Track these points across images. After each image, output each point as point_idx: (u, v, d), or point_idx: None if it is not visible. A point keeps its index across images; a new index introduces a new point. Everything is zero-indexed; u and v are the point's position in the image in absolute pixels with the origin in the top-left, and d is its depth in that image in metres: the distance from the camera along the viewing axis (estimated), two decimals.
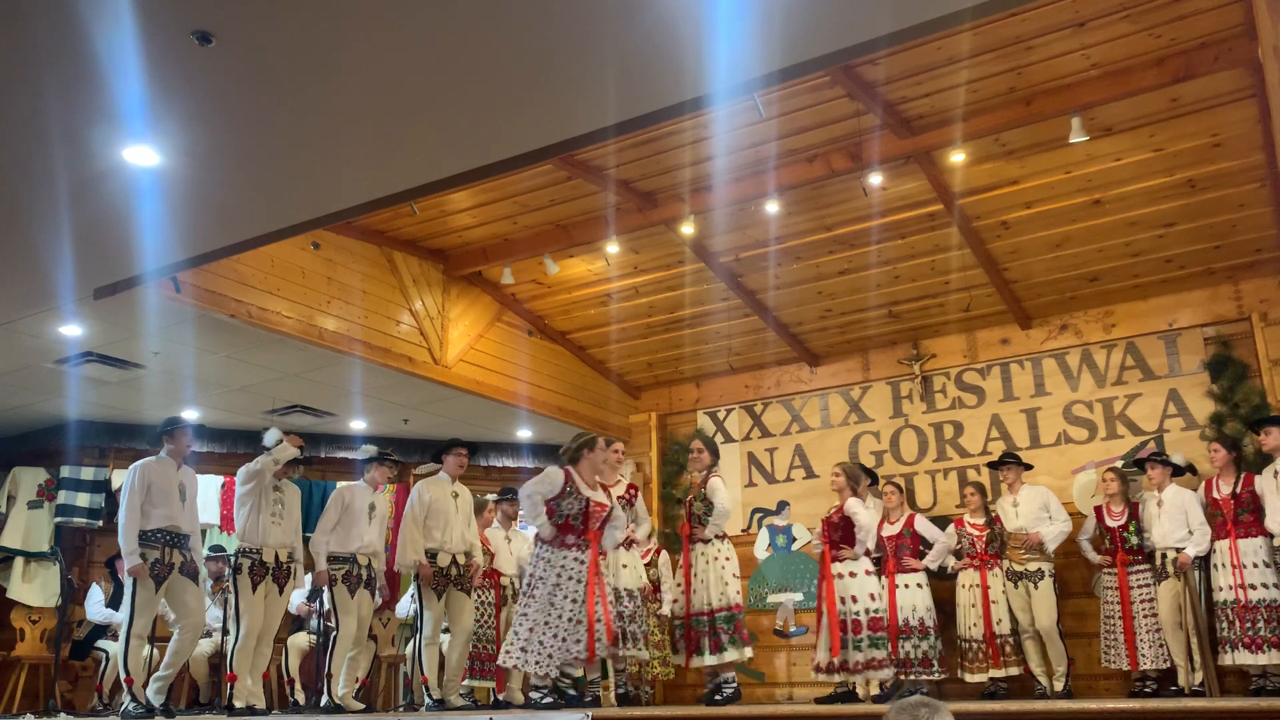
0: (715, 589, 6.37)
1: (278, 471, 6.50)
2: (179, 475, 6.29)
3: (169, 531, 6.10)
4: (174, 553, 6.10)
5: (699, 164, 6.96)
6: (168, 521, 6.10)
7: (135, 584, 5.98)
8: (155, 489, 6.12)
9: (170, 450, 6.31)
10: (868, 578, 6.84)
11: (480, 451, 10.08)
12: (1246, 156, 6.54)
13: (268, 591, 6.37)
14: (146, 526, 6.03)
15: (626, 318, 9.04)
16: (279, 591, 6.47)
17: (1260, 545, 6.50)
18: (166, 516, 6.09)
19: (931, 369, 8.75)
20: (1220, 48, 5.71)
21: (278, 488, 6.54)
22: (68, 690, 8.41)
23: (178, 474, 6.29)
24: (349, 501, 6.70)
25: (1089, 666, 7.39)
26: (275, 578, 6.42)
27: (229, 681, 6.22)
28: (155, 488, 6.12)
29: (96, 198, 4.98)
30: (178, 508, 6.17)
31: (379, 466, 6.94)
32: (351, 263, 7.63)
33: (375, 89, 4.24)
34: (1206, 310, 7.70)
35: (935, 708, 2.35)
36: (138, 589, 5.97)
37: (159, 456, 6.33)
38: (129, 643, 5.92)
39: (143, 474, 6.15)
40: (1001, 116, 6.32)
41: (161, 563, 6.03)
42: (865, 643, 6.66)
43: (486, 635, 7.19)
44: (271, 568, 6.39)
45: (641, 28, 3.79)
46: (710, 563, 6.45)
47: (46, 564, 8.70)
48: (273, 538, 6.42)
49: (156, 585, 6.02)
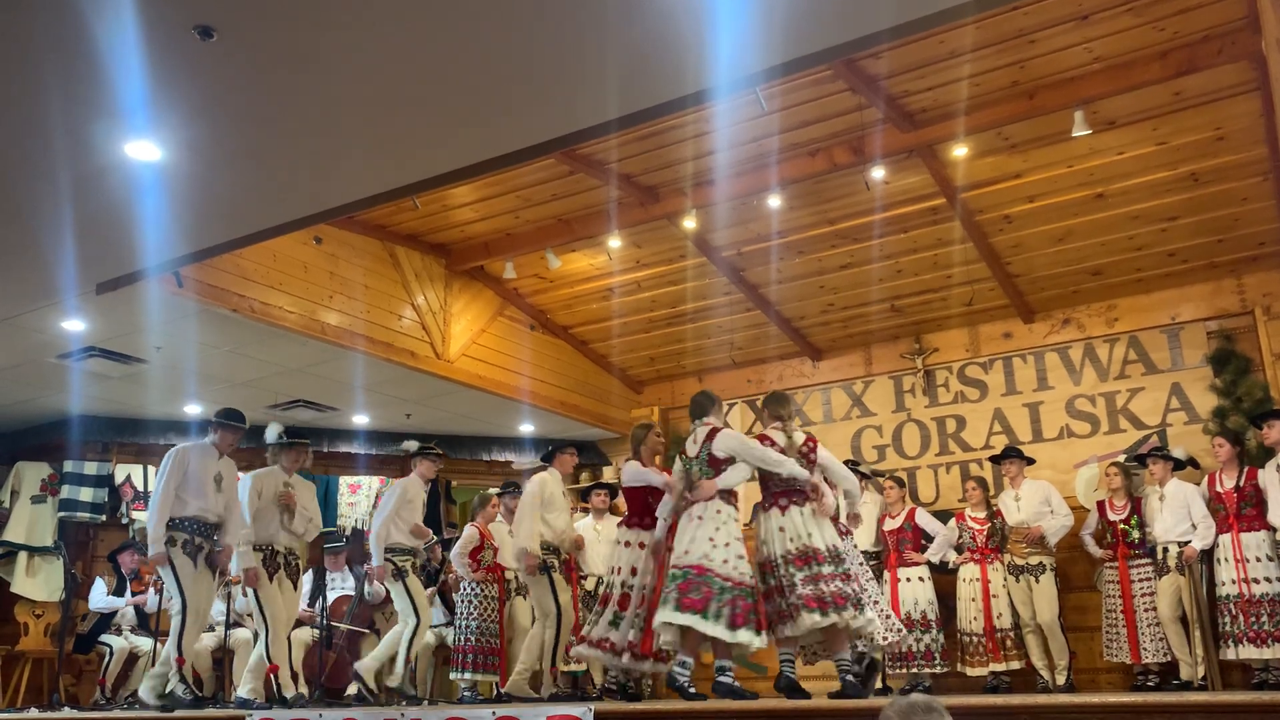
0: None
1: (286, 466, 6.46)
2: (218, 465, 6.17)
3: (199, 521, 6.02)
4: (202, 541, 6.03)
5: (701, 158, 6.95)
6: (200, 511, 6.01)
7: (175, 569, 5.89)
8: (192, 476, 6.01)
9: (215, 441, 6.20)
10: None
11: (482, 446, 10.12)
12: (1250, 150, 6.52)
13: (281, 584, 6.30)
14: (180, 514, 5.95)
15: (628, 312, 9.05)
16: (293, 586, 6.43)
17: (1263, 539, 6.50)
18: (200, 507, 6.00)
19: (934, 363, 8.75)
20: (1223, 41, 5.70)
21: (288, 484, 6.45)
22: (71, 684, 8.42)
23: (217, 464, 6.16)
24: (411, 496, 6.80)
25: (1091, 660, 7.39)
26: (287, 571, 6.35)
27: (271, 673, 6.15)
28: (192, 475, 6.01)
29: (99, 193, 4.99)
30: (212, 498, 6.05)
31: (425, 460, 7.03)
32: (354, 257, 7.64)
33: (377, 84, 4.24)
34: (1209, 304, 7.69)
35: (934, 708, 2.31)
36: (179, 572, 5.89)
37: (201, 443, 6.22)
38: (185, 623, 5.85)
39: (180, 459, 6.03)
40: (1004, 110, 6.31)
41: (192, 544, 5.96)
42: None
43: (489, 629, 7.19)
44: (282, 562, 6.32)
45: (643, 22, 3.79)
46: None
47: (50, 558, 8.71)
48: (283, 534, 6.35)
49: (194, 562, 5.94)
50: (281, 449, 6.47)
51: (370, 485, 9.90)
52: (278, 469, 6.43)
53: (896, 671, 7.39)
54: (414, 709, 5.62)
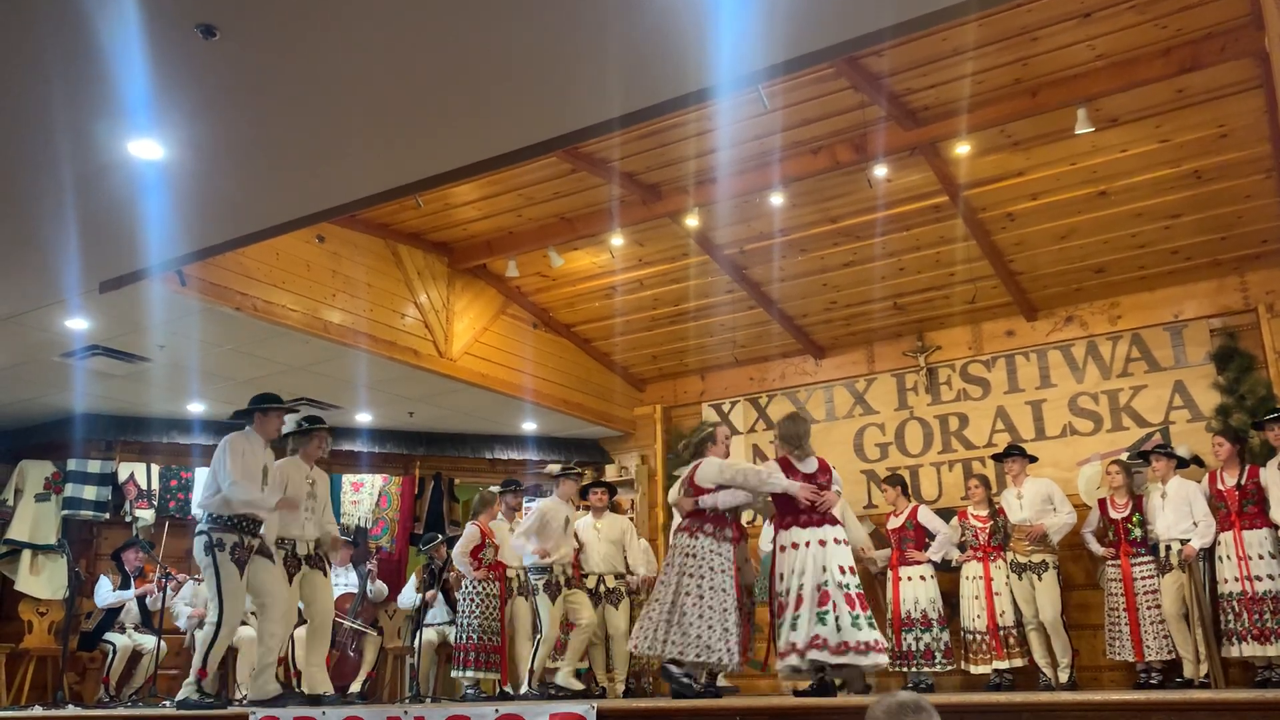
0: None
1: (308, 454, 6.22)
2: (264, 455, 5.84)
3: (248, 518, 5.65)
4: (250, 539, 5.67)
5: (703, 156, 6.95)
6: (248, 507, 5.62)
7: (219, 575, 5.50)
8: (248, 466, 5.66)
9: (257, 429, 5.87)
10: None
11: (484, 444, 10.13)
12: (1253, 147, 6.51)
13: (303, 579, 6.01)
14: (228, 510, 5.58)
15: (631, 310, 9.05)
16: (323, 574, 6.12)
17: (1265, 537, 6.50)
18: (248, 501, 5.61)
19: (936, 361, 8.74)
20: (1227, 38, 5.69)
21: (310, 478, 6.20)
22: (75, 682, 8.45)
23: (263, 453, 5.84)
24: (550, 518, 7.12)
25: (1094, 658, 7.39)
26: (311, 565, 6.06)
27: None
28: (246, 465, 5.65)
29: (102, 191, 4.99)
30: (258, 494, 5.68)
31: (566, 481, 7.43)
32: (356, 256, 7.64)
33: (380, 83, 4.24)
34: (1212, 301, 7.69)
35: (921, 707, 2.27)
36: (222, 576, 5.50)
37: (246, 432, 5.85)
38: (218, 632, 5.50)
39: (235, 444, 5.68)
40: (1007, 108, 6.30)
41: (241, 546, 5.59)
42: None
43: (491, 627, 7.21)
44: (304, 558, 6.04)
45: (645, 20, 3.79)
46: None
47: (54, 556, 8.72)
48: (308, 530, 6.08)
49: (240, 570, 5.56)
50: (301, 437, 6.22)
51: (373, 483, 9.91)
52: (299, 459, 6.18)
53: (896, 670, 7.38)
54: (417, 706, 5.61)
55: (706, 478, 5.29)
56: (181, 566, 8.58)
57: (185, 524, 9.18)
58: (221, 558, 5.53)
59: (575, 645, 7.16)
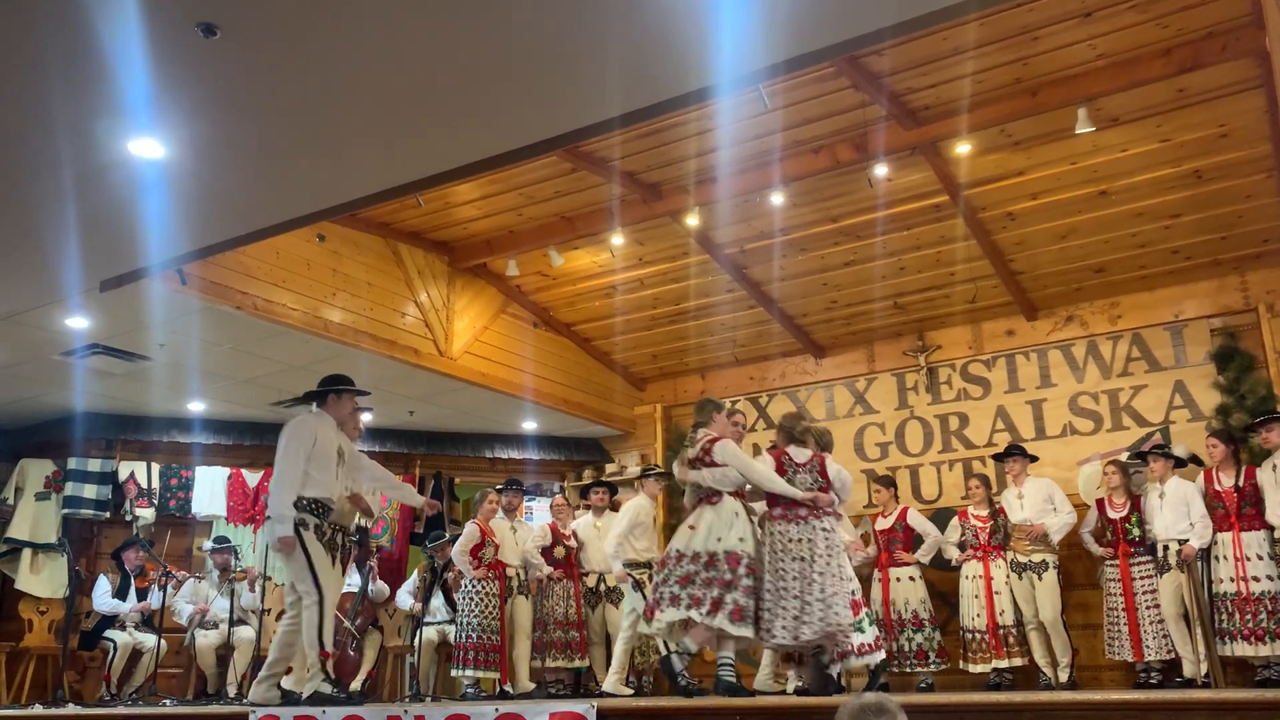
0: None
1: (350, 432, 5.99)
2: (338, 437, 5.60)
3: (323, 504, 5.43)
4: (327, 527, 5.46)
5: (704, 156, 6.95)
6: (323, 492, 5.40)
7: (309, 554, 5.28)
8: (320, 451, 5.41)
9: (331, 410, 5.65)
10: None
11: (485, 443, 10.13)
12: (1254, 147, 6.51)
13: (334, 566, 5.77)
14: (305, 493, 5.34)
15: (631, 309, 9.05)
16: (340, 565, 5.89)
17: (1262, 538, 6.50)
18: (324, 485, 5.39)
19: (937, 360, 8.74)
20: (1227, 37, 5.69)
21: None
22: (75, 680, 8.46)
23: (337, 437, 5.60)
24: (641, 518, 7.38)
25: (1093, 658, 7.39)
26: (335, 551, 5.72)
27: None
28: (320, 450, 5.41)
29: (102, 190, 5.00)
30: (332, 480, 5.46)
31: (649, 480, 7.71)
32: (357, 255, 7.65)
33: (380, 81, 4.24)
34: (1213, 301, 7.69)
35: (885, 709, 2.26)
36: (314, 559, 5.30)
37: (318, 414, 5.62)
38: (322, 613, 5.28)
39: (301, 430, 5.44)
40: (1007, 107, 6.30)
41: (324, 528, 5.38)
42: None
43: (491, 626, 7.21)
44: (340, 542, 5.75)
45: (646, 19, 3.79)
46: None
47: (54, 555, 8.72)
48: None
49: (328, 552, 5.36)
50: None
51: None
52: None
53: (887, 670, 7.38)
54: (417, 705, 5.61)
55: (726, 454, 5.37)
56: (182, 565, 8.59)
57: (185, 523, 9.20)
58: (308, 536, 5.34)
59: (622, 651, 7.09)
